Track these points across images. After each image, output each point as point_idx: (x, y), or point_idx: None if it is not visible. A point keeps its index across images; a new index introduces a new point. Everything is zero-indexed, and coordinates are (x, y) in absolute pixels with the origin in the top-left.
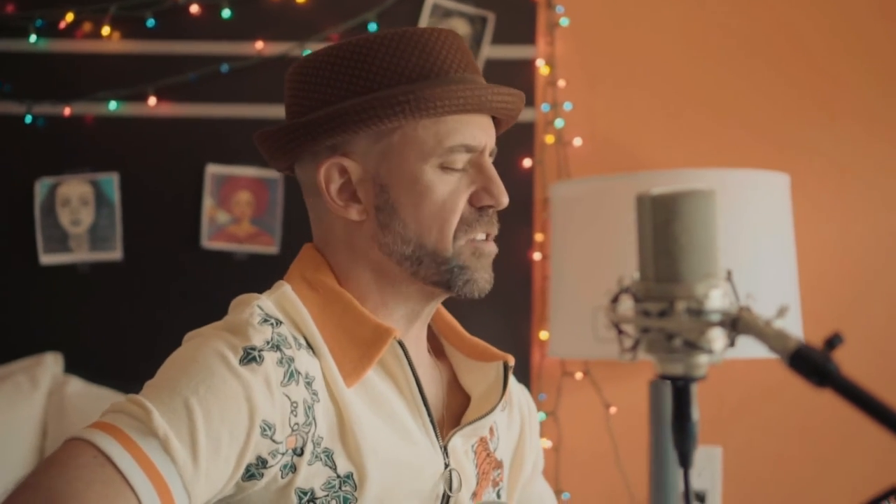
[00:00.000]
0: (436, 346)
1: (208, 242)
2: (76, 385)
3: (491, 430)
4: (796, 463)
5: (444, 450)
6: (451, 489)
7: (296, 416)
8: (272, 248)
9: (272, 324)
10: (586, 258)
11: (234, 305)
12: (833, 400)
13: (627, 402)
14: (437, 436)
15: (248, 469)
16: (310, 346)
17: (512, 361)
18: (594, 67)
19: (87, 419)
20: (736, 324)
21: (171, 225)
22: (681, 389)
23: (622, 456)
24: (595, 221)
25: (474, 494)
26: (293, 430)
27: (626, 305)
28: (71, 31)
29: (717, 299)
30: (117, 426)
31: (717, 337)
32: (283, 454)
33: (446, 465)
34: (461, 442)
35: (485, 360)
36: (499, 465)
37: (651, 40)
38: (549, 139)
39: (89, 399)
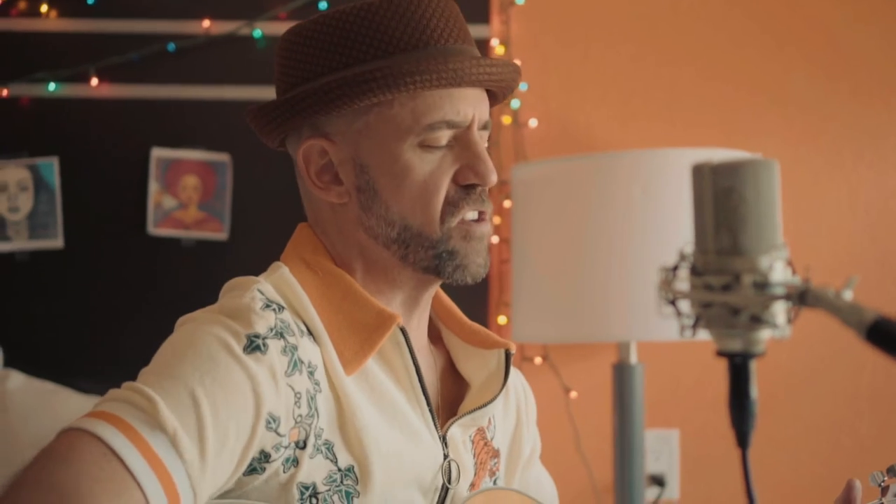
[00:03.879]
0: (432, 330)
1: (154, 229)
2: (17, 379)
3: (488, 418)
4: (753, 444)
5: (443, 440)
6: (449, 481)
7: (299, 407)
8: (221, 235)
9: (274, 309)
10: (548, 240)
11: (228, 288)
12: (785, 378)
13: (587, 387)
14: (435, 426)
15: (250, 463)
16: (310, 332)
17: (514, 349)
18: (549, 47)
19: (29, 414)
20: (804, 296)
21: (114, 211)
22: (739, 366)
23: (583, 440)
24: (556, 203)
25: (472, 485)
26: (296, 423)
27: (683, 281)
28: (6, 8)
29: (781, 272)
30: (123, 418)
31: (780, 311)
32: (285, 447)
33: (445, 457)
34: (459, 432)
35: (485, 348)
36: (496, 454)
37: (605, 20)
38: (506, 120)
39: (31, 394)
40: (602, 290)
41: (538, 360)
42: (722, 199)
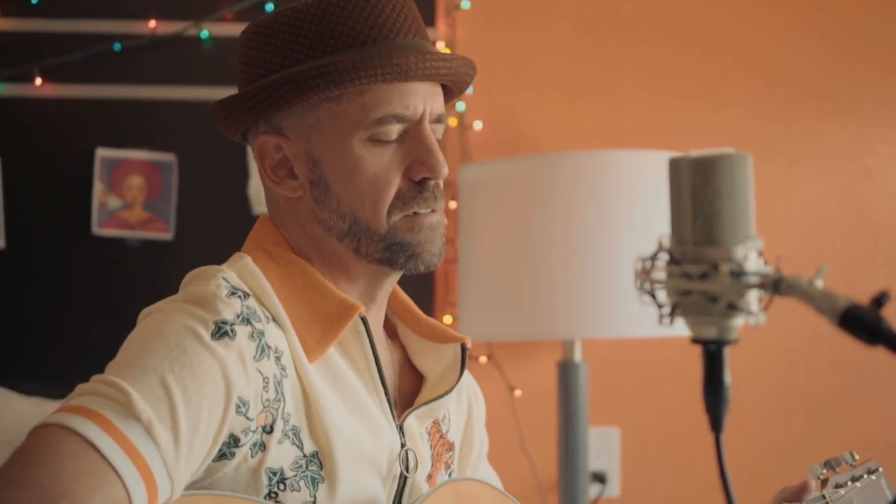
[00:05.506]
0: (388, 326)
1: (99, 229)
2: None
3: (444, 412)
4: (692, 441)
5: (400, 430)
6: (407, 469)
7: (267, 392)
8: (166, 235)
9: (240, 296)
10: (494, 240)
11: (192, 278)
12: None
13: (531, 385)
14: (393, 416)
15: (220, 448)
16: (274, 319)
17: (469, 343)
18: (493, 50)
19: None
20: (778, 285)
21: (58, 211)
22: (714, 353)
23: (527, 438)
24: (502, 203)
25: (429, 476)
26: (264, 407)
27: (661, 270)
28: None
29: (755, 261)
30: (96, 410)
31: (755, 299)
32: (253, 432)
33: (402, 446)
34: (416, 423)
35: (441, 342)
36: (451, 447)
37: (549, 24)
38: (452, 122)
39: None
40: (548, 289)
41: (483, 359)
42: (698, 192)
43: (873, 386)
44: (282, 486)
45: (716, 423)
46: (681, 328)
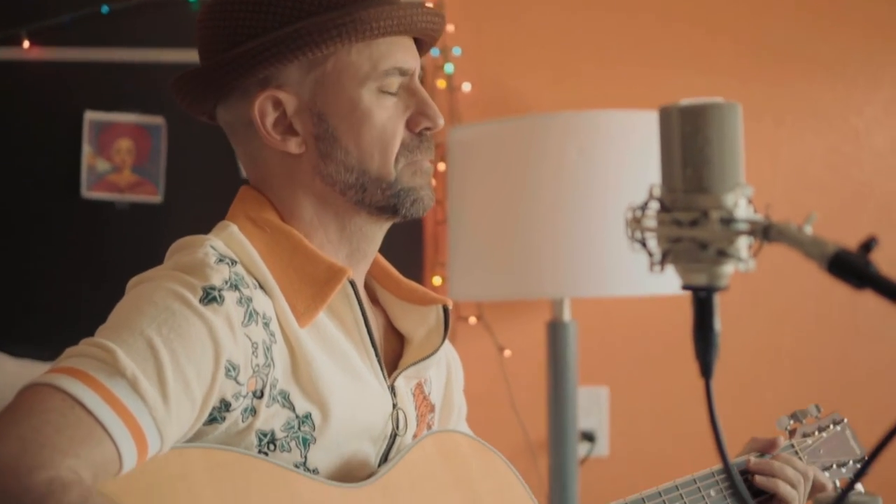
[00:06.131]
0: (368, 291)
1: (88, 192)
2: None
3: (426, 375)
4: (680, 400)
5: (391, 390)
6: (398, 429)
7: (256, 357)
8: (155, 198)
9: (228, 263)
10: (484, 200)
11: (179, 247)
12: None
13: (521, 345)
14: (384, 376)
15: (210, 412)
16: (262, 286)
17: (451, 304)
18: (482, 11)
19: None
20: (768, 231)
21: (47, 175)
22: (703, 300)
23: (516, 398)
24: (491, 164)
25: (414, 436)
26: (254, 372)
27: (652, 218)
28: None
29: (744, 208)
30: (80, 369)
31: (744, 245)
32: (244, 397)
33: (394, 406)
34: (403, 384)
35: (423, 304)
36: (432, 408)
37: None
38: (441, 84)
39: None
40: (537, 248)
41: (472, 319)
42: (689, 140)
43: (859, 344)
44: (272, 447)
45: (706, 369)
46: (668, 286)
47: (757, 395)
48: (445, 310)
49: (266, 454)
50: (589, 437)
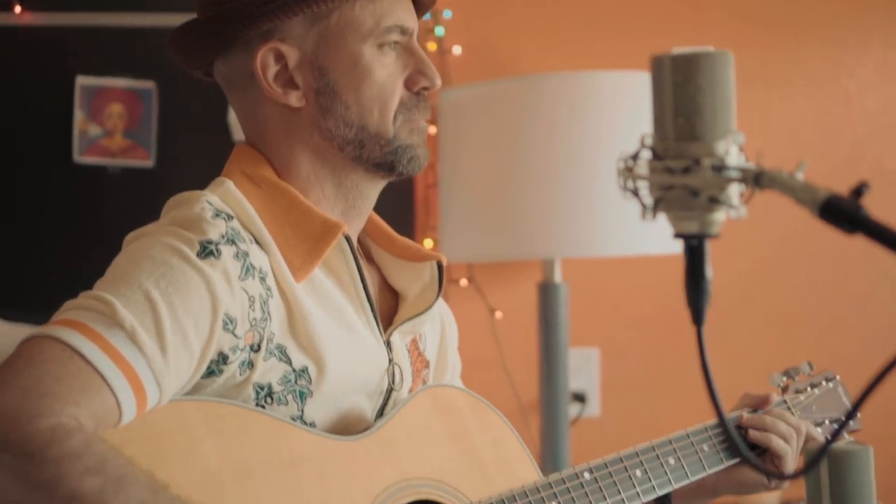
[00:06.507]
0: (363, 248)
1: (80, 157)
2: None
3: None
4: (671, 360)
5: (387, 345)
6: (394, 384)
7: (253, 310)
8: (147, 162)
9: (224, 218)
10: (475, 162)
11: (175, 203)
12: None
13: (512, 307)
14: (380, 332)
15: (208, 366)
16: (257, 242)
17: (445, 260)
18: None
19: None
20: (759, 178)
21: (39, 140)
22: (695, 248)
23: (508, 359)
24: (483, 126)
25: (410, 391)
26: (251, 326)
27: (644, 167)
28: None
29: (736, 156)
30: (79, 320)
31: (736, 192)
32: (241, 350)
33: (390, 361)
34: (399, 339)
35: (417, 261)
36: (427, 364)
37: None
38: (432, 47)
39: None
40: (528, 209)
41: (464, 281)
42: (680, 89)
43: (850, 303)
44: (269, 400)
45: (697, 316)
46: (658, 246)
47: (747, 353)
48: (440, 266)
49: (263, 407)
50: (580, 398)
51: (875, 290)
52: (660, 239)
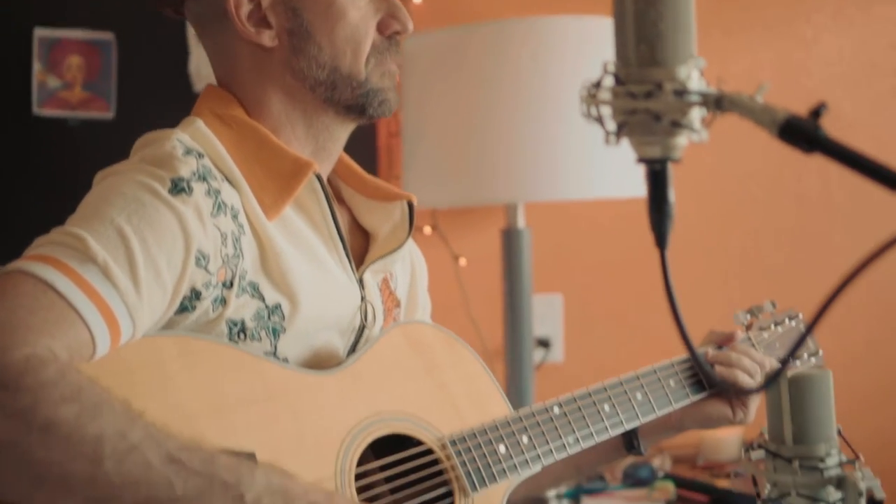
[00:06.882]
0: (333, 189)
1: (39, 109)
2: None
3: (391, 271)
4: (634, 306)
5: (360, 283)
6: (366, 321)
7: (226, 247)
8: (107, 114)
9: (195, 156)
10: (438, 109)
11: (145, 142)
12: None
13: (476, 254)
14: (352, 270)
15: (181, 302)
16: (228, 180)
17: (415, 200)
18: None
19: None
20: (720, 102)
21: None
22: (658, 173)
23: (473, 306)
24: (445, 72)
25: (381, 329)
26: (224, 262)
27: (607, 93)
28: None
29: (697, 80)
30: (51, 255)
31: (697, 116)
32: (214, 287)
33: (362, 299)
34: (370, 277)
35: (387, 201)
36: (398, 303)
37: None
38: None
39: None
40: (491, 154)
41: (427, 229)
42: (641, 15)
43: (806, 244)
44: (242, 336)
45: (661, 239)
46: (620, 189)
47: (707, 297)
48: (410, 206)
49: (236, 343)
50: (544, 343)
51: (831, 232)
52: (622, 182)
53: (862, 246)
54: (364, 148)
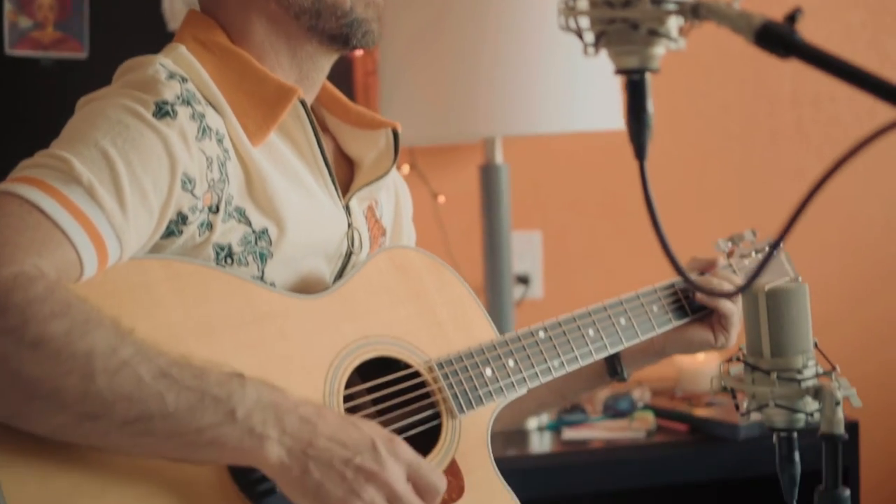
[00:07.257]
0: (317, 117)
1: (11, 49)
2: None
3: (377, 199)
4: (611, 241)
5: (346, 210)
6: (353, 247)
7: (211, 171)
8: (80, 54)
9: (179, 80)
10: (412, 47)
11: (128, 67)
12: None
13: (454, 191)
14: (339, 196)
15: (168, 226)
16: (212, 105)
17: (400, 128)
18: None
19: None
20: (697, 10)
21: None
22: (637, 83)
23: (452, 243)
24: (419, 8)
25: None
26: (209, 187)
27: (584, 2)
28: None
29: None
30: (36, 177)
31: (675, 24)
32: (200, 211)
33: (349, 225)
34: (356, 205)
35: (372, 129)
36: (383, 231)
37: None
38: None
39: None
40: (467, 90)
41: (406, 168)
42: None
43: (780, 178)
44: (229, 260)
45: (640, 150)
46: (597, 121)
47: (688, 228)
48: (395, 134)
49: (223, 267)
50: (523, 280)
51: (804, 166)
52: (600, 114)
53: (833, 178)
54: (341, 86)
